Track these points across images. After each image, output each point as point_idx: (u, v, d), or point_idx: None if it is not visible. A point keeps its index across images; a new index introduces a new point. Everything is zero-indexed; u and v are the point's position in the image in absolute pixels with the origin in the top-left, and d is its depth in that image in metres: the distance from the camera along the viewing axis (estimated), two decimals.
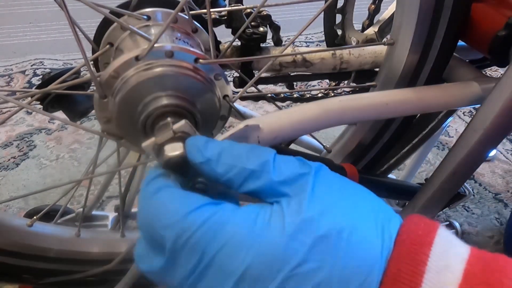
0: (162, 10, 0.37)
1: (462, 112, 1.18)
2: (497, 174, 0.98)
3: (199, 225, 0.23)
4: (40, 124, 1.04)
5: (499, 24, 0.39)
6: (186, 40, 0.36)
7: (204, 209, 0.24)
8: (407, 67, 0.42)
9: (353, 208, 0.24)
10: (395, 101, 0.39)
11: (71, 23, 0.29)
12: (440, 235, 0.23)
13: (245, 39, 0.44)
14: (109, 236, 0.58)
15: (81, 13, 0.73)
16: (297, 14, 1.65)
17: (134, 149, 0.38)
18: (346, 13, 0.59)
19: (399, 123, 0.48)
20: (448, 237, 0.23)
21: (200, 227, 0.23)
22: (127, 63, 0.31)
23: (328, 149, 0.51)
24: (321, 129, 0.37)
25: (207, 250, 0.22)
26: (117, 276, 0.49)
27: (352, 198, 0.25)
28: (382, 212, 0.25)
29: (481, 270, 0.21)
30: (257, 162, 0.25)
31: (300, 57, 0.46)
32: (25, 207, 0.80)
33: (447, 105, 0.43)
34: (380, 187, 0.52)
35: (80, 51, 0.31)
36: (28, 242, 0.48)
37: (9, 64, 1.27)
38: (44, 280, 0.51)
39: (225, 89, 0.35)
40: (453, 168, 0.43)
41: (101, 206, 0.83)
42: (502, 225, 0.85)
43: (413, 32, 0.40)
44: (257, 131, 0.32)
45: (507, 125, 0.39)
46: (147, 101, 0.32)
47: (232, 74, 1.14)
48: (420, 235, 0.23)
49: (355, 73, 0.51)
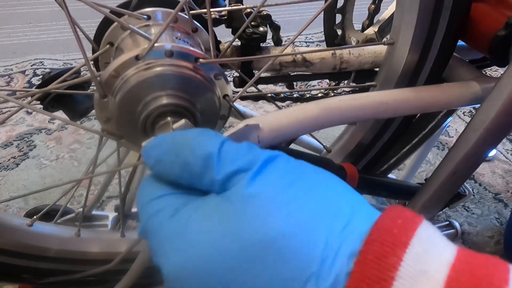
0: (162, 10, 0.37)
1: (462, 112, 1.18)
2: (497, 174, 0.98)
3: (147, 216, 0.24)
4: (40, 124, 1.04)
5: (499, 24, 0.39)
6: (186, 40, 0.36)
7: (160, 200, 0.24)
8: (407, 67, 0.42)
9: (300, 207, 0.21)
10: (395, 101, 0.39)
11: (71, 23, 0.29)
12: (420, 234, 0.19)
13: (245, 39, 0.44)
14: (109, 236, 0.58)
15: (82, 13, 0.73)
16: (297, 14, 1.65)
17: (134, 149, 0.38)
18: (346, 13, 0.59)
19: (399, 123, 0.48)
20: (430, 236, 0.20)
21: (148, 219, 0.23)
22: (127, 62, 0.31)
23: (328, 149, 0.51)
24: (321, 128, 0.37)
25: (150, 241, 0.23)
26: (117, 276, 0.49)
27: (306, 193, 0.22)
28: (349, 208, 0.21)
29: (468, 278, 0.18)
30: (198, 159, 0.23)
31: (300, 57, 0.47)
32: (25, 207, 0.80)
33: (447, 105, 0.43)
34: (380, 187, 0.52)
35: (80, 51, 0.31)
36: (28, 242, 0.48)
37: (9, 64, 1.27)
38: (44, 280, 0.51)
39: (225, 88, 0.35)
40: (453, 168, 0.43)
41: (101, 206, 0.83)
42: (502, 225, 0.85)
43: (413, 32, 0.40)
44: (257, 131, 0.32)
45: (507, 125, 0.39)
46: (147, 100, 0.32)
47: (232, 74, 1.14)
48: (394, 234, 0.19)
49: (355, 73, 0.51)
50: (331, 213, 0.21)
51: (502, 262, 0.19)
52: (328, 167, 0.41)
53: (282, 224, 0.20)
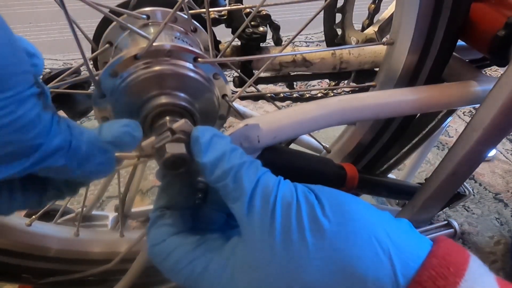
0: (161, 10, 0.37)
1: (462, 112, 1.18)
2: (497, 174, 0.98)
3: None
4: None
5: (499, 23, 0.39)
6: (185, 40, 0.36)
7: (162, 245, 0.27)
8: (407, 66, 0.42)
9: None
10: (394, 101, 0.39)
11: (70, 22, 0.29)
12: (471, 268, 0.22)
13: (244, 38, 0.44)
14: (108, 236, 0.58)
15: (81, 13, 0.73)
16: (297, 14, 1.65)
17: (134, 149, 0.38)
18: (346, 13, 0.59)
19: (398, 123, 0.48)
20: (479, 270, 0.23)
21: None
22: (126, 62, 0.31)
23: (327, 149, 0.51)
24: (320, 128, 0.37)
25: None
26: (116, 276, 0.49)
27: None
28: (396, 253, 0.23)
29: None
30: (237, 183, 0.25)
31: (300, 57, 0.46)
32: None
33: (447, 105, 0.43)
34: (380, 187, 0.52)
35: (79, 50, 0.31)
36: (28, 241, 0.48)
37: None
38: (44, 279, 0.51)
39: (224, 88, 0.35)
40: (452, 168, 0.43)
41: (101, 206, 0.83)
42: (502, 225, 0.85)
43: (412, 32, 0.39)
44: (257, 131, 0.32)
45: (506, 125, 0.39)
46: (146, 99, 0.31)
47: (232, 74, 1.14)
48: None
49: (355, 73, 0.51)
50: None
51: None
52: (328, 167, 0.40)
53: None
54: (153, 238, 0.27)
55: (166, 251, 0.27)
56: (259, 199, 0.25)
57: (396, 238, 0.24)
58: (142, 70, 0.31)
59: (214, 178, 0.26)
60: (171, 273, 0.27)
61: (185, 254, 0.26)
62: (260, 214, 0.24)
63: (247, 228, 0.25)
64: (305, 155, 0.40)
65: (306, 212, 0.24)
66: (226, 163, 0.26)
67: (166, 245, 0.27)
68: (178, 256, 0.26)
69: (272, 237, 0.24)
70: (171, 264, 0.26)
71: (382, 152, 0.52)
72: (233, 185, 0.25)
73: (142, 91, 0.31)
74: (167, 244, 0.27)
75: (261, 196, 0.25)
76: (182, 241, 0.27)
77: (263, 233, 0.24)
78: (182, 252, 0.26)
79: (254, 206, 0.25)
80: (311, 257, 0.23)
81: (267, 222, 0.24)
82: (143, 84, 0.31)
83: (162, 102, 0.31)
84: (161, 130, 0.29)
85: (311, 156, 0.41)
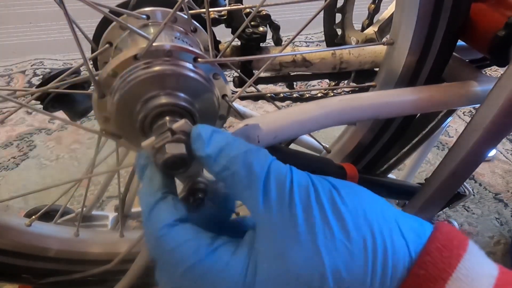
0: (161, 10, 0.37)
1: (462, 112, 1.18)
2: (497, 174, 0.98)
3: (154, 244, 0.25)
4: (40, 124, 1.04)
5: (499, 24, 0.39)
6: (185, 40, 0.36)
7: (173, 231, 0.24)
8: (407, 67, 0.42)
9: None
10: (394, 101, 0.39)
11: (69, 22, 0.29)
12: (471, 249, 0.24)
13: (244, 38, 0.44)
14: (108, 236, 0.58)
15: (81, 13, 0.73)
16: (297, 14, 1.65)
17: (133, 149, 0.38)
18: (346, 13, 0.59)
19: (398, 123, 0.48)
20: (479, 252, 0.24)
21: (155, 247, 0.25)
22: (126, 62, 0.31)
23: (327, 149, 0.51)
24: (320, 128, 0.37)
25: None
26: (116, 276, 0.49)
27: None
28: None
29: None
30: (247, 169, 0.24)
31: (300, 57, 0.46)
32: (25, 207, 0.80)
33: (447, 105, 0.43)
34: (380, 187, 0.52)
35: (79, 50, 0.31)
36: (28, 242, 0.48)
37: (9, 64, 1.27)
38: (44, 280, 0.51)
39: (224, 88, 0.35)
40: (452, 168, 0.43)
41: (101, 206, 0.83)
42: (502, 225, 0.85)
43: (412, 32, 0.39)
44: (257, 130, 0.32)
45: (506, 125, 0.39)
46: (145, 100, 0.31)
47: (232, 74, 1.14)
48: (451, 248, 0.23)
49: (355, 73, 0.51)
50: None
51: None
52: (328, 167, 0.40)
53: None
54: (161, 220, 0.25)
55: (179, 240, 0.24)
56: (274, 183, 0.24)
57: (403, 219, 0.25)
58: (142, 70, 0.31)
59: (220, 168, 0.25)
60: (176, 267, 0.23)
61: (206, 247, 0.24)
62: (278, 199, 0.23)
63: (263, 216, 0.23)
64: (305, 155, 0.40)
65: (325, 194, 0.24)
66: (231, 151, 0.25)
67: (179, 232, 0.24)
68: (195, 248, 0.23)
69: (293, 221, 0.23)
70: (181, 256, 0.23)
71: (382, 152, 0.52)
72: (243, 171, 0.24)
73: (142, 91, 0.31)
74: (179, 231, 0.24)
75: (276, 181, 0.24)
76: (198, 231, 0.25)
77: (283, 219, 0.23)
78: (198, 245, 0.24)
79: (269, 191, 0.24)
80: (337, 239, 0.23)
81: (286, 206, 0.23)
82: (143, 84, 0.31)
83: (162, 102, 0.31)
84: (161, 130, 0.29)
85: (311, 156, 0.41)
